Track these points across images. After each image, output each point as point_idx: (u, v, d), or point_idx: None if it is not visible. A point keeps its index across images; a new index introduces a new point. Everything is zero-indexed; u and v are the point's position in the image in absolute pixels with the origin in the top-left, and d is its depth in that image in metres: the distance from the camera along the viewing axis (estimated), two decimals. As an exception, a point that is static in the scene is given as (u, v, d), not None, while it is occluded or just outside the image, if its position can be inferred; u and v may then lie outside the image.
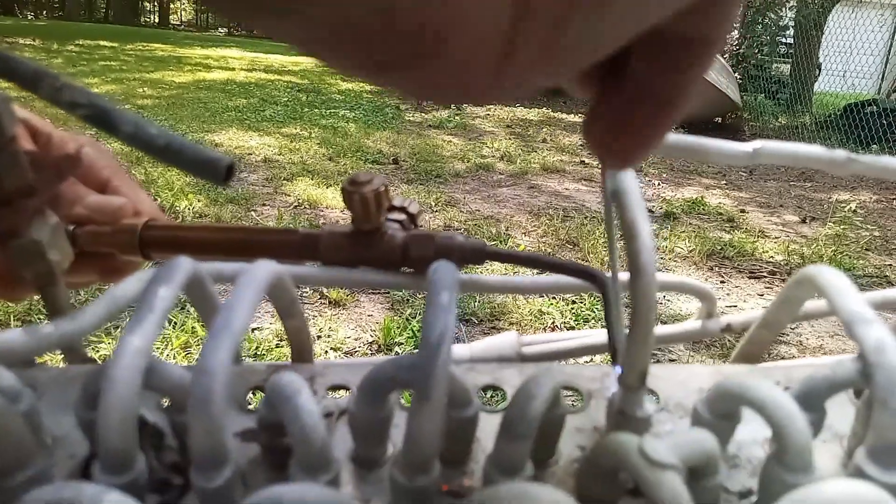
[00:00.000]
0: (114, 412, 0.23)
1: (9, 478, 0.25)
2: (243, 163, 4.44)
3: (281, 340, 2.24)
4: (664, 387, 0.32)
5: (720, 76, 6.46)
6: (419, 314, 2.47)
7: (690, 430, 0.25)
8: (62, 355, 0.37)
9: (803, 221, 4.18)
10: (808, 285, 0.30)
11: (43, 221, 0.34)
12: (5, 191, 0.32)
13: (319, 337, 2.35)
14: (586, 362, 1.79)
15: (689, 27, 0.16)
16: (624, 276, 0.28)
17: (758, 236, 3.77)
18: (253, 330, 2.33)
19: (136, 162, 3.94)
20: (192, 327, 2.25)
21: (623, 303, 0.32)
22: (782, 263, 3.34)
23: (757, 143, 0.32)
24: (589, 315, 2.61)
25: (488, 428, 0.29)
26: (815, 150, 0.33)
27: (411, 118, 6.62)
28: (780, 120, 7.43)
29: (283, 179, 4.12)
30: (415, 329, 2.38)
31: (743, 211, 4.31)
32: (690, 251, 3.40)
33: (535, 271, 0.38)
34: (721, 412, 0.27)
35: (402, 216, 0.36)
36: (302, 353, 0.36)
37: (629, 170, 0.26)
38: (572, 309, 2.65)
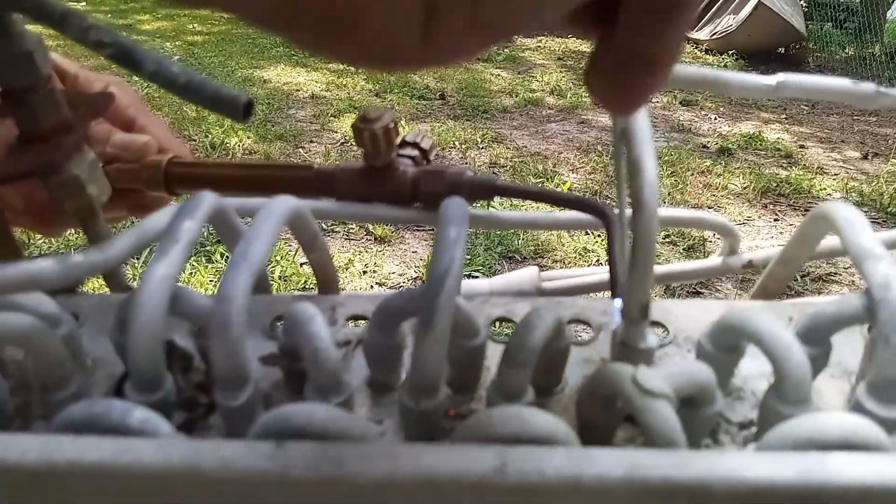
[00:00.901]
0: (141, 336, 0.25)
1: (51, 394, 0.27)
2: (291, 99, 4.46)
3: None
4: (674, 320, 0.33)
5: (784, 4, 6.12)
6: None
7: (687, 361, 0.26)
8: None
9: (865, 158, 4.01)
10: (824, 222, 0.30)
11: (81, 157, 0.36)
12: (44, 128, 0.34)
13: (365, 272, 2.39)
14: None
15: None
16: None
17: (816, 173, 3.64)
18: (301, 265, 2.39)
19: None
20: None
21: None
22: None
23: (780, 76, 0.32)
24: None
25: (498, 357, 0.30)
26: (841, 82, 0.32)
27: (459, 52, 6.49)
28: (847, 50, 7.03)
29: (331, 116, 4.13)
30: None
31: (802, 146, 4.15)
32: (745, 188, 3.31)
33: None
34: (723, 345, 0.27)
35: (415, 152, 0.37)
36: (327, 283, 0.38)
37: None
38: (618, 246, 2.63)
